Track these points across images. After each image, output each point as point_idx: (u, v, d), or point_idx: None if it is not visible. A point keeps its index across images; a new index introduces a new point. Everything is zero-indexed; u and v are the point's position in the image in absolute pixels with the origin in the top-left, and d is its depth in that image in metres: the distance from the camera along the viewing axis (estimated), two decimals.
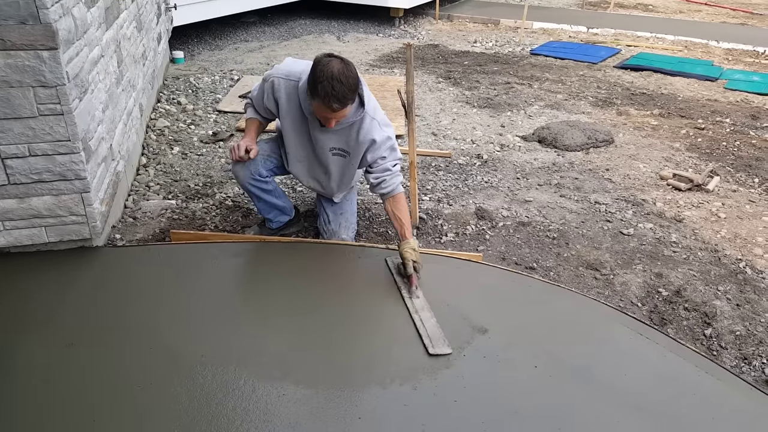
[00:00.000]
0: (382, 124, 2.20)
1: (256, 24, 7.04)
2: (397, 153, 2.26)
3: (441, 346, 1.86)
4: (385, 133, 2.20)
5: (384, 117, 2.25)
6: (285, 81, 2.18)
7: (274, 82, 2.20)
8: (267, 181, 2.42)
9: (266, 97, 2.25)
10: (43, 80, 1.94)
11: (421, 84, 4.98)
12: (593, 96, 4.87)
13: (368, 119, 2.16)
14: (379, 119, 2.19)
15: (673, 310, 2.30)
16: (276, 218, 2.55)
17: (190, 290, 2.10)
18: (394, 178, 2.23)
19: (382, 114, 2.25)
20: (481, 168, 3.46)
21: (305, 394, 1.67)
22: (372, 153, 2.21)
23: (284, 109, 2.23)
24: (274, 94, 2.22)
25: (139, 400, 1.63)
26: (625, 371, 1.83)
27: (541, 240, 2.72)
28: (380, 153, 2.20)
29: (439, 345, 1.86)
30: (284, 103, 2.21)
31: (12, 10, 1.83)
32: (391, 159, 2.23)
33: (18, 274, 2.14)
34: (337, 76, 1.92)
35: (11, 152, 2.02)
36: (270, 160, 2.42)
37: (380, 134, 2.18)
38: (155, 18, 4.43)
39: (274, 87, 2.21)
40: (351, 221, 2.54)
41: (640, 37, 7.04)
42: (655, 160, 3.64)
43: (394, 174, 2.23)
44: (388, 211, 2.26)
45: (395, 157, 2.24)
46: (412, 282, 2.10)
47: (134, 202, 2.87)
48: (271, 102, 2.25)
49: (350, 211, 2.56)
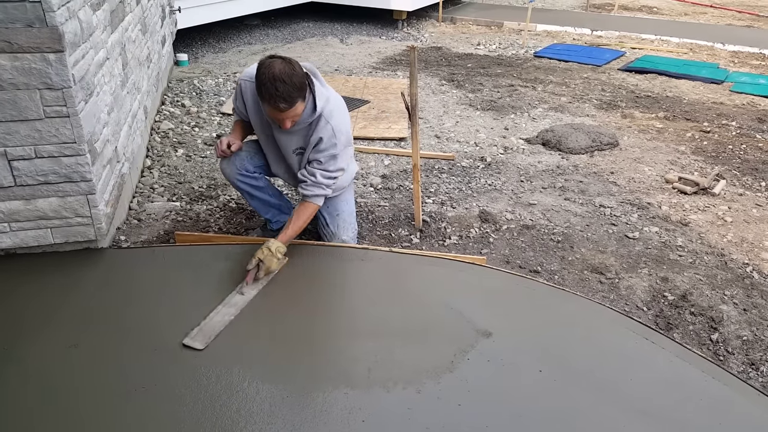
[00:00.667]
0: (337, 132, 2.15)
1: (260, 27, 7.06)
2: (334, 167, 2.18)
3: (198, 340, 1.82)
4: (333, 141, 2.15)
5: (346, 128, 2.21)
6: (250, 83, 2.19)
7: (241, 85, 2.26)
8: (255, 176, 2.40)
9: (236, 99, 2.31)
10: (50, 83, 1.95)
11: (424, 86, 4.98)
12: (598, 99, 4.85)
13: (323, 122, 2.15)
14: (335, 126, 2.15)
15: (679, 315, 2.28)
16: (275, 218, 2.54)
17: (194, 292, 2.10)
18: (315, 188, 2.18)
19: (346, 126, 2.22)
20: (485, 171, 3.45)
21: (309, 397, 1.66)
22: (314, 152, 2.18)
23: (252, 112, 2.28)
24: (242, 96, 2.27)
25: (144, 401, 1.63)
26: (630, 376, 1.82)
27: (546, 243, 2.71)
28: (318, 155, 2.17)
29: (197, 338, 1.82)
30: (251, 105, 2.25)
31: (19, 13, 1.84)
32: (324, 168, 2.17)
33: (24, 275, 2.15)
34: (279, 77, 1.94)
35: (18, 154, 2.03)
36: (257, 157, 2.41)
37: (328, 138, 2.14)
38: (160, 21, 4.45)
39: (242, 89, 2.26)
40: (349, 221, 2.51)
41: (644, 39, 7.02)
42: (661, 164, 3.63)
43: (317, 184, 2.17)
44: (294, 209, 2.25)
45: (329, 167, 2.17)
46: (247, 276, 2.07)
47: (139, 204, 2.87)
48: (240, 104, 2.30)
49: (347, 211, 2.51)
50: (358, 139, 3.83)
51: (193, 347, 1.81)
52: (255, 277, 2.09)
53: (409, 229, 2.78)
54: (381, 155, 3.62)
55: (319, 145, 2.16)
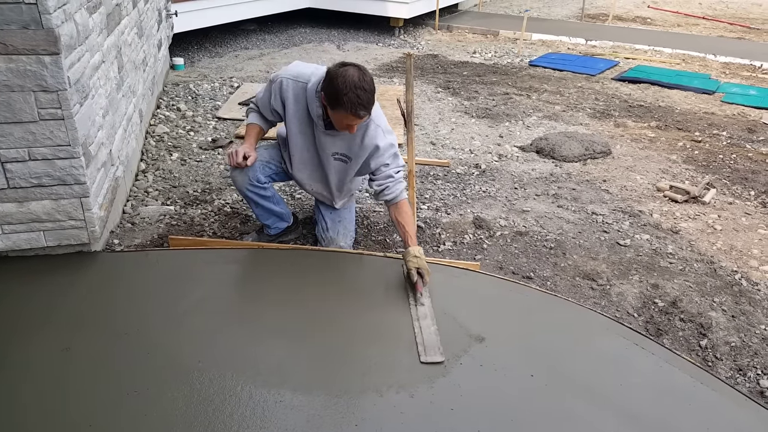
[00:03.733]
0: (386, 132, 2.22)
1: (256, 32, 7.09)
2: (400, 160, 2.27)
3: (433, 354, 1.86)
4: (388, 140, 2.22)
5: (387, 124, 2.26)
6: (293, 82, 2.19)
7: (282, 83, 2.21)
8: (265, 187, 2.43)
9: (273, 97, 2.25)
10: (45, 85, 1.95)
11: (420, 94, 5.02)
12: (591, 108, 4.90)
13: (373, 126, 2.18)
14: (383, 126, 2.21)
15: (669, 321, 2.30)
16: (274, 224, 2.56)
17: (187, 296, 2.09)
18: (398, 184, 2.24)
19: (386, 121, 2.27)
20: (479, 177, 3.47)
21: (302, 401, 1.66)
22: (375, 160, 2.22)
23: (291, 111, 2.24)
24: (281, 95, 2.23)
25: (136, 405, 1.62)
26: (620, 381, 1.83)
27: (539, 250, 2.73)
28: (383, 160, 2.22)
29: (431, 353, 1.86)
30: (291, 104, 2.22)
31: (15, 15, 1.84)
32: (394, 166, 2.24)
33: (16, 278, 2.14)
34: (359, 85, 1.95)
35: (11, 156, 2.02)
36: (269, 167, 2.43)
37: (384, 141, 2.20)
38: (156, 24, 4.46)
39: (282, 87, 2.21)
40: (349, 229, 2.55)
41: (638, 49, 7.11)
42: (652, 172, 3.67)
43: (397, 181, 2.24)
44: (392, 218, 2.27)
45: (398, 164, 2.26)
46: (417, 288, 2.10)
47: (133, 208, 2.87)
48: (278, 103, 2.25)
49: (349, 218, 2.57)
50: None
51: (435, 362, 1.83)
52: (424, 283, 2.12)
53: None
54: None
55: (379, 152, 2.20)
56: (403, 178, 2.28)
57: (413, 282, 2.12)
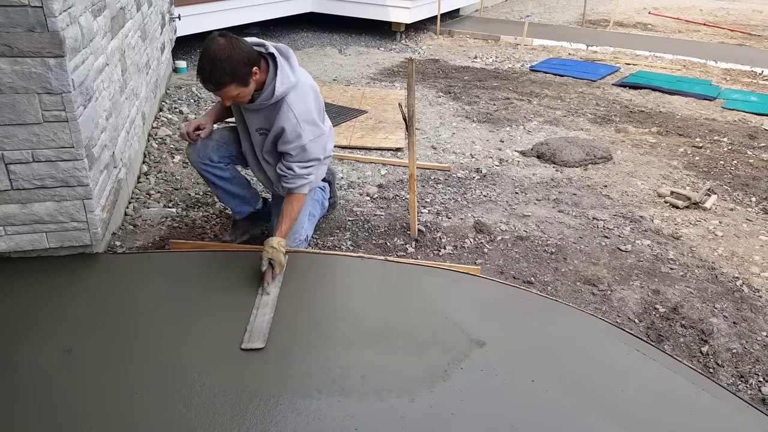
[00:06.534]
0: (301, 120, 2.11)
1: (259, 36, 7.10)
2: (308, 156, 2.16)
3: (255, 341, 1.87)
4: (298, 130, 2.12)
5: (310, 116, 2.14)
6: None
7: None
8: (220, 167, 2.38)
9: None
10: (49, 87, 1.96)
11: (421, 98, 5.03)
12: (592, 113, 4.91)
13: (285, 107, 2.11)
14: (298, 113, 2.11)
15: (670, 327, 2.30)
16: (237, 208, 2.51)
17: (188, 298, 2.10)
18: (297, 180, 2.19)
19: (309, 113, 2.14)
20: (480, 182, 3.48)
21: (302, 404, 1.66)
22: (281, 143, 2.17)
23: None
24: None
25: (137, 406, 1.62)
26: (621, 387, 1.83)
27: (539, 254, 2.73)
28: (287, 148, 2.16)
29: (254, 340, 1.87)
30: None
31: (20, 17, 1.86)
32: (297, 160, 2.16)
33: (18, 279, 2.14)
34: (211, 57, 1.93)
35: (15, 158, 2.03)
36: (225, 148, 2.38)
37: (292, 128, 2.11)
38: (159, 28, 4.48)
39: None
40: (294, 230, 2.41)
41: (639, 55, 7.12)
42: (653, 178, 3.67)
43: (298, 176, 2.18)
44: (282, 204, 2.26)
45: (304, 159, 2.16)
46: (264, 278, 2.12)
47: (135, 210, 2.87)
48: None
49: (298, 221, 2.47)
50: (355, 149, 3.86)
51: (255, 348, 1.84)
52: (273, 275, 2.13)
53: (405, 238, 2.80)
54: (378, 165, 3.64)
55: (284, 135, 2.13)
56: (308, 178, 2.19)
57: (261, 270, 2.13)
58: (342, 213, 3.00)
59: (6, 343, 1.83)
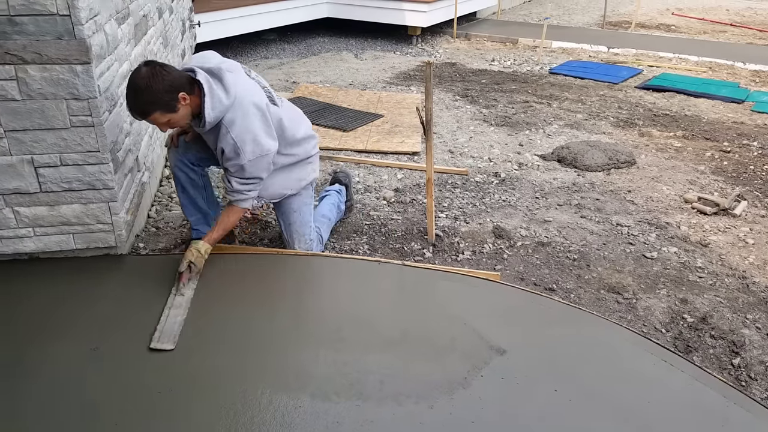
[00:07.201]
0: (239, 141, 2.06)
1: (276, 41, 7.18)
2: (246, 175, 2.13)
3: (164, 342, 1.87)
4: (237, 151, 2.07)
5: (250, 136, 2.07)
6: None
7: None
8: (195, 171, 2.37)
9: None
10: (76, 93, 2.00)
11: (438, 102, 5.01)
12: (614, 116, 4.83)
13: (224, 129, 2.07)
14: (234, 134, 2.06)
15: (698, 338, 2.24)
16: (196, 224, 2.48)
17: (209, 299, 2.11)
18: (235, 194, 2.19)
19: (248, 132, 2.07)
20: (499, 186, 3.44)
21: (321, 407, 1.66)
22: (222, 160, 2.17)
23: None
24: None
25: (159, 405, 1.64)
26: (648, 398, 1.78)
27: (561, 261, 2.69)
28: (227, 165, 2.15)
29: (163, 341, 1.87)
30: None
31: (50, 26, 1.90)
32: (237, 176, 2.15)
33: (47, 279, 2.19)
34: (132, 87, 1.95)
35: (44, 161, 2.08)
36: (204, 157, 2.36)
37: (230, 149, 2.08)
38: (180, 35, 4.55)
39: None
40: (302, 233, 2.45)
41: (662, 57, 6.99)
42: (679, 183, 3.59)
43: (236, 191, 2.18)
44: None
45: (242, 176, 2.14)
46: (181, 278, 2.13)
47: (157, 213, 2.91)
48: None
49: (300, 222, 2.45)
50: (372, 153, 3.85)
51: (163, 349, 1.85)
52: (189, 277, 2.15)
53: (422, 243, 2.78)
54: (394, 169, 3.64)
55: (224, 155, 2.12)
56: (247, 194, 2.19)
57: (178, 271, 2.14)
58: (359, 217, 3.00)
59: (35, 340, 1.87)
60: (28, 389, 1.69)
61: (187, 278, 2.14)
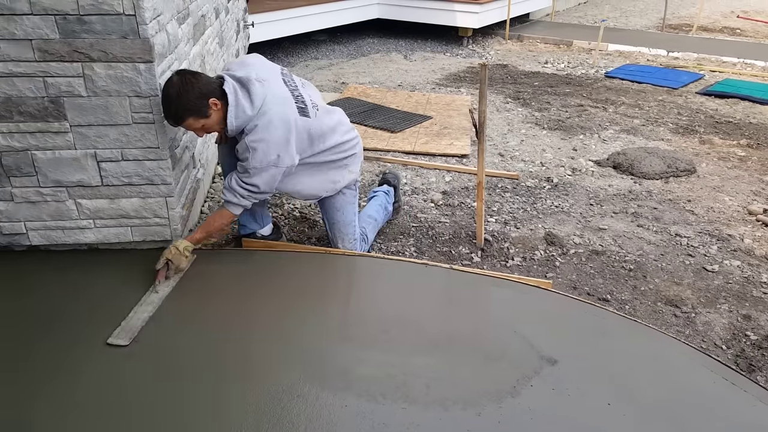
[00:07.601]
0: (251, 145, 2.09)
1: (326, 42, 7.27)
2: (249, 180, 2.14)
3: (122, 338, 1.87)
4: (246, 155, 2.10)
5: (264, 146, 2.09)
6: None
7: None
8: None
9: None
10: (139, 90, 2.08)
11: (488, 104, 4.93)
12: (673, 122, 4.62)
13: (245, 133, 2.12)
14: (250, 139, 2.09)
15: (762, 357, 2.10)
16: (243, 220, 2.52)
17: (260, 295, 2.15)
18: (228, 192, 2.19)
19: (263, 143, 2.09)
20: (551, 192, 3.35)
21: (367, 408, 1.65)
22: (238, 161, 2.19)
23: None
24: None
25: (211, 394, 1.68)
26: (707, 417, 1.68)
27: (616, 271, 2.58)
28: (237, 164, 2.17)
29: (121, 336, 1.88)
30: None
31: (116, 25, 1.98)
32: (240, 176, 2.16)
33: (106, 268, 2.28)
34: (168, 95, 2.02)
35: (106, 156, 2.17)
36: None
37: (243, 150, 2.12)
38: (234, 35, 4.67)
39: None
40: (346, 232, 2.46)
41: (725, 62, 6.64)
42: (743, 194, 3.39)
43: (230, 189, 2.18)
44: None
45: (243, 178, 2.15)
46: (158, 275, 2.12)
47: (210, 209, 2.99)
48: None
49: (343, 221, 2.47)
50: (420, 155, 3.83)
51: (118, 344, 1.86)
52: (165, 276, 2.16)
53: (470, 247, 2.73)
54: (442, 171, 3.60)
55: (238, 154, 2.17)
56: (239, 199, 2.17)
57: (157, 268, 2.13)
58: (406, 219, 2.98)
59: (91, 328, 1.95)
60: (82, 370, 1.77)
61: (163, 276, 2.16)
